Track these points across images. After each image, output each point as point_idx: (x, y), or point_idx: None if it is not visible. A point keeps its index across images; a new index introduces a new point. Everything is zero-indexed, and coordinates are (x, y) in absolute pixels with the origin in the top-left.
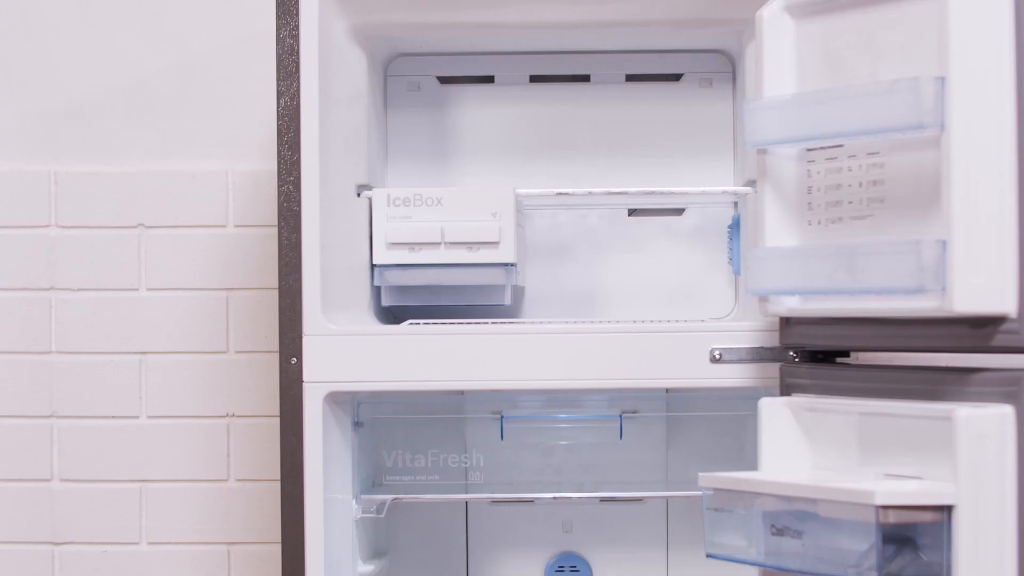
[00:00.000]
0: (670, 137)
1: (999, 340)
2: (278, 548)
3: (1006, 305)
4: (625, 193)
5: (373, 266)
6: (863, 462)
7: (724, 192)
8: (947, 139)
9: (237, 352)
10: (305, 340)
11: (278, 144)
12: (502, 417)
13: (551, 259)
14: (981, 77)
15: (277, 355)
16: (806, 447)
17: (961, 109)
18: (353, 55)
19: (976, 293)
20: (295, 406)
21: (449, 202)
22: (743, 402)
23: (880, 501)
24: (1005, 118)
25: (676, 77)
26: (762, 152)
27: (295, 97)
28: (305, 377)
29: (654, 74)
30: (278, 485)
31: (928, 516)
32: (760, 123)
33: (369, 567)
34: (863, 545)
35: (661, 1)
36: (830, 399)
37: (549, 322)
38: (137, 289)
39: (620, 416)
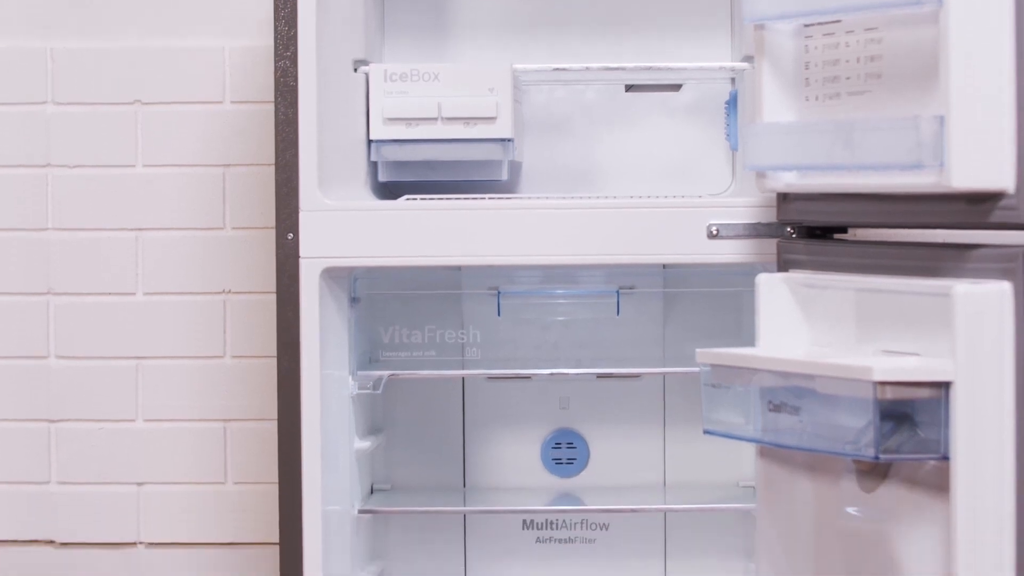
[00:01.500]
0: (667, 12)
1: (997, 216)
2: (275, 424)
3: (1004, 181)
4: (622, 68)
5: (370, 142)
6: (860, 338)
7: (721, 68)
8: (945, 14)
9: (234, 228)
10: (302, 216)
11: (275, 19)
12: (499, 293)
13: (548, 135)
14: None
15: (274, 231)
16: (803, 323)
17: None
18: None
19: (974, 169)
20: (292, 282)
21: (446, 77)
22: (740, 278)
23: (878, 377)
24: None
25: None
26: (759, 28)
27: None
28: (302, 253)
29: None
30: (275, 361)
31: (926, 392)
32: None
33: (365, 443)
34: (861, 422)
35: None
36: (827, 275)
37: (546, 198)
38: (134, 166)
39: (617, 292)
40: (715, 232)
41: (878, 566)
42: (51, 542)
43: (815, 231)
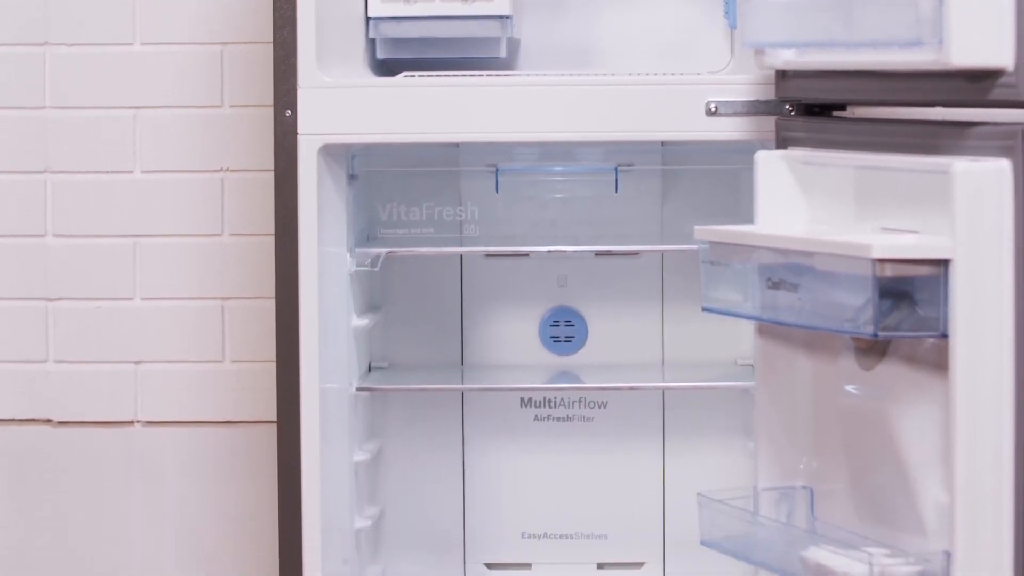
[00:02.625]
0: None
1: (996, 94)
2: (272, 302)
3: (1003, 58)
4: None
5: (368, 19)
6: (859, 216)
7: None
8: None
9: (232, 106)
10: (300, 93)
11: None
12: (497, 170)
13: (546, 12)
14: None
15: (272, 109)
16: (802, 201)
17: None
18: None
19: (973, 46)
20: (290, 159)
21: None
22: (739, 156)
23: (877, 254)
24: None
25: None
26: None
27: None
28: (300, 130)
29: None
30: (272, 239)
31: (925, 270)
32: None
33: (363, 321)
34: (859, 299)
35: None
36: (826, 152)
37: (544, 75)
38: (131, 44)
39: (615, 169)
40: (713, 110)
41: (877, 444)
42: (48, 421)
43: (814, 108)
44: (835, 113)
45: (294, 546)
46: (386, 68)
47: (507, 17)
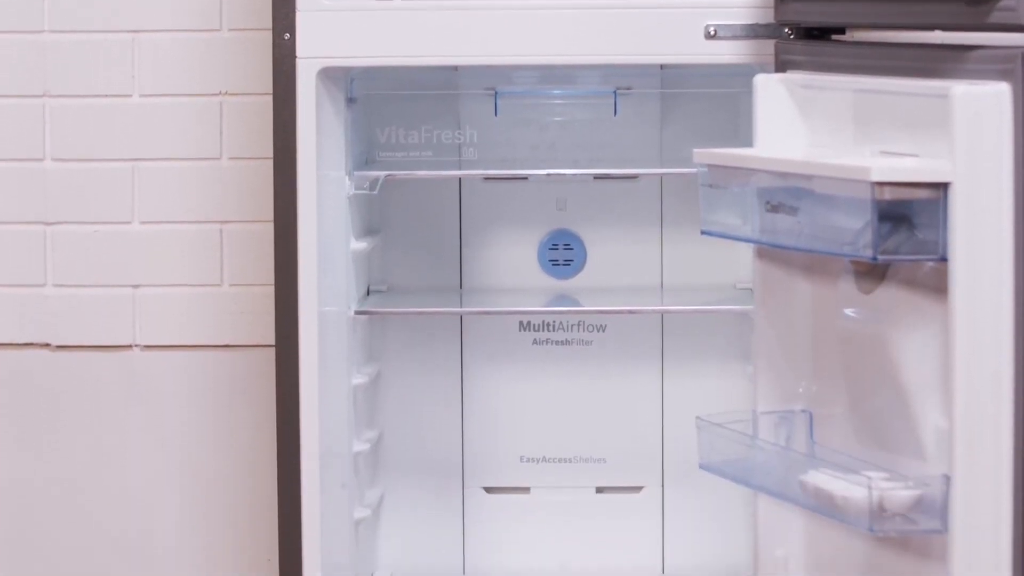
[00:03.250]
0: None
1: (996, 17)
2: (270, 227)
3: None
4: None
5: None
6: (858, 140)
7: None
8: None
9: (231, 30)
10: (299, 16)
11: None
12: (496, 93)
13: None
14: None
15: (271, 32)
16: (801, 125)
17: None
18: None
19: None
20: (288, 82)
21: None
22: (738, 79)
23: (876, 177)
24: None
25: None
26: None
27: None
28: (299, 53)
29: None
30: (271, 163)
31: (924, 194)
32: None
33: (362, 244)
34: (859, 222)
35: None
36: (825, 76)
37: None
38: None
39: (614, 92)
40: (712, 33)
41: (876, 368)
42: (47, 345)
43: (813, 32)
44: (834, 37)
45: (292, 469)
46: None
47: None
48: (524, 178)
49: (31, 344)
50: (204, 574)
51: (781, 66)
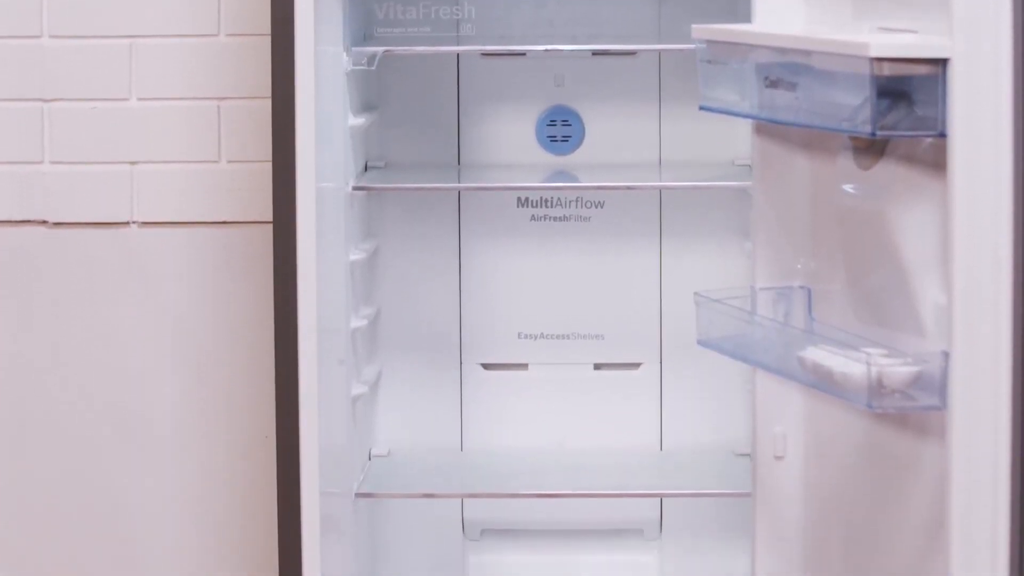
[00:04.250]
0: None
1: None
2: (268, 103)
3: None
4: None
5: None
6: (857, 16)
7: None
8: None
9: None
10: None
11: None
12: None
13: None
14: None
15: None
16: (799, 1)
17: None
18: None
19: None
20: None
21: None
22: None
23: (875, 53)
24: None
25: None
26: None
27: None
28: None
29: None
30: (269, 39)
31: (923, 69)
32: None
33: (360, 120)
34: (857, 98)
35: None
36: None
37: None
38: None
39: None
40: None
41: (875, 245)
42: (44, 222)
43: None
44: None
45: (289, 346)
46: None
47: None
48: (522, 54)
49: (28, 221)
50: (201, 449)
51: None
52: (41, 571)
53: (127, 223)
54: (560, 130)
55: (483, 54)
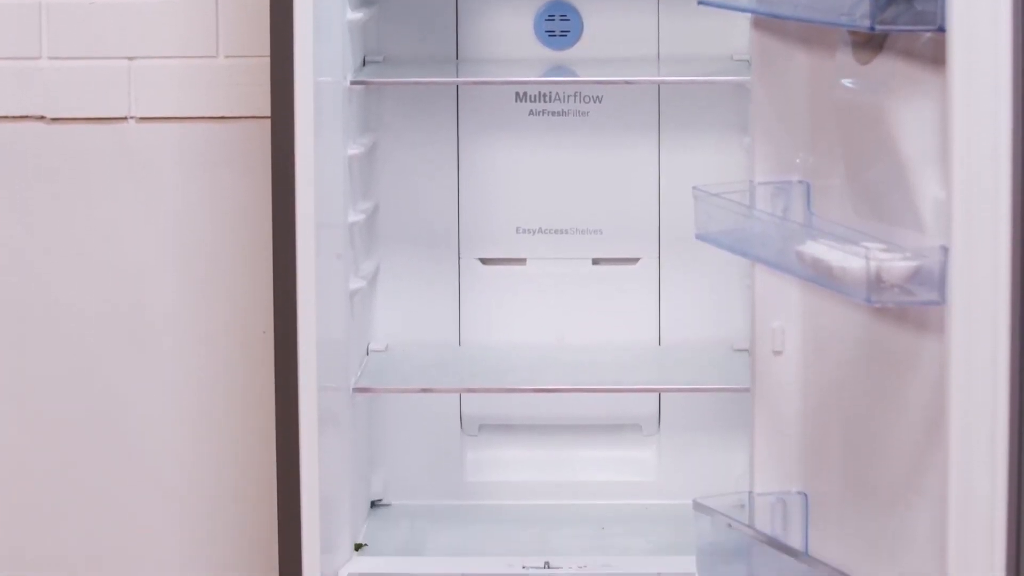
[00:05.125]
0: None
1: None
2: None
3: None
4: None
5: None
6: None
7: None
8: None
9: None
10: None
11: None
12: None
13: None
14: None
15: None
16: None
17: None
18: None
19: None
20: None
21: None
22: None
23: None
24: None
25: None
26: None
27: None
28: None
29: None
30: None
31: None
32: None
33: (358, 14)
34: None
35: None
36: None
37: None
38: None
39: None
40: None
41: (874, 140)
42: (42, 118)
43: None
44: None
45: (288, 241)
46: None
47: None
48: None
49: (26, 117)
50: (199, 345)
51: None
52: (38, 469)
53: (125, 118)
54: (558, 25)
55: None
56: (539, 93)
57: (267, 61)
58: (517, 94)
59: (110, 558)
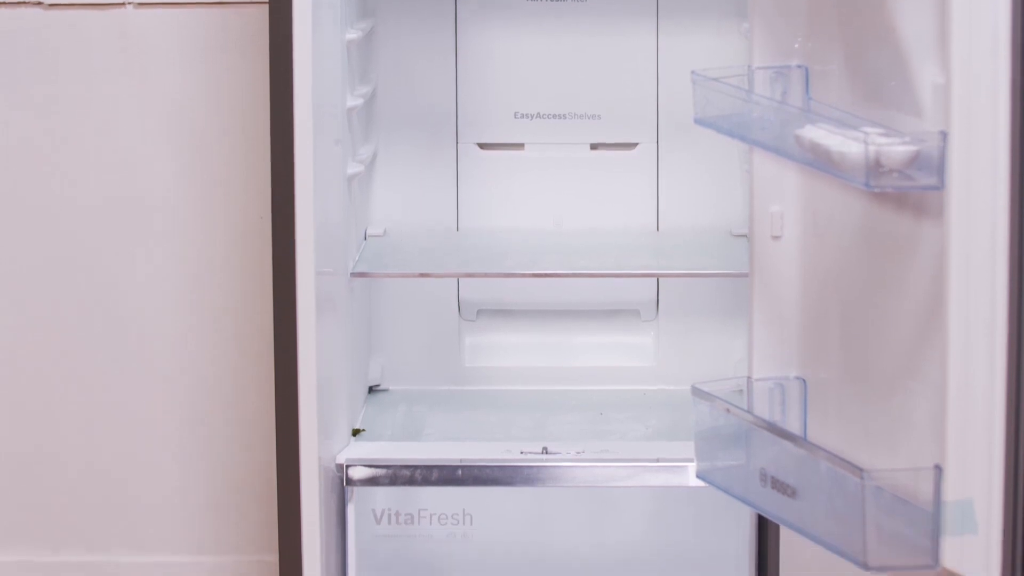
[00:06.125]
0: None
1: None
2: None
3: None
4: None
5: None
6: None
7: None
8: None
9: None
10: None
11: None
12: None
13: None
14: None
15: None
16: None
17: None
18: None
19: None
20: None
21: None
22: None
23: None
24: None
25: None
26: None
27: None
28: None
29: None
30: None
31: None
32: None
33: None
34: None
35: None
36: None
37: None
38: None
39: None
40: None
41: (873, 24)
42: (39, 3)
43: None
44: None
45: (286, 124)
46: None
47: None
48: None
49: (23, 2)
50: (196, 230)
51: None
52: (32, 358)
53: (123, 3)
54: None
55: None
56: None
57: None
58: None
59: (107, 450)
